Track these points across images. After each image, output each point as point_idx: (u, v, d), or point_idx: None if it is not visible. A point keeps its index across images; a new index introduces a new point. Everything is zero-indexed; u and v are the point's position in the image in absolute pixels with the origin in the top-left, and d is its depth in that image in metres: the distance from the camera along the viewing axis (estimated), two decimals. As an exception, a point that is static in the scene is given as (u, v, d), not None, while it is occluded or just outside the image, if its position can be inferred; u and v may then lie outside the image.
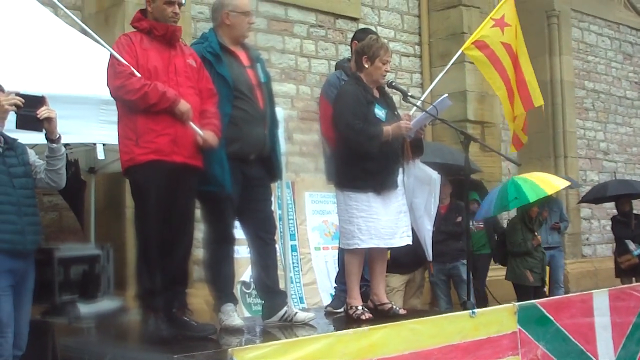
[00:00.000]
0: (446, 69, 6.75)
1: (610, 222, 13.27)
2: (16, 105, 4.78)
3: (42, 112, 4.84)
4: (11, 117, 4.89)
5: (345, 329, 4.72)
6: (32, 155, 5.16)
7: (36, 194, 5.22)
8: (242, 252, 6.03)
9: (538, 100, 7.56)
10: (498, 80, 7.01)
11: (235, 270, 5.82)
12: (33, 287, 5.12)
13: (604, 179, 15.20)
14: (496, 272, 10.93)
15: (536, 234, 10.11)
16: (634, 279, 11.35)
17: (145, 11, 5.25)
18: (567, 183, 10.73)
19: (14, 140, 5.06)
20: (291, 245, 9.48)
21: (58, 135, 5.02)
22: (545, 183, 9.69)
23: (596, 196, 13.22)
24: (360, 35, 6.48)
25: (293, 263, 9.54)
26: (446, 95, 6.38)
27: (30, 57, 5.98)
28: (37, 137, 5.12)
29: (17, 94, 4.82)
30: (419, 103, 6.24)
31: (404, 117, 5.91)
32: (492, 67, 6.96)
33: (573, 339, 5.46)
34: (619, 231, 12.01)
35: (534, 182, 9.54)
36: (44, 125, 4.90)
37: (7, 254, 4.82)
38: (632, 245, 11.56)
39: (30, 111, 4.83)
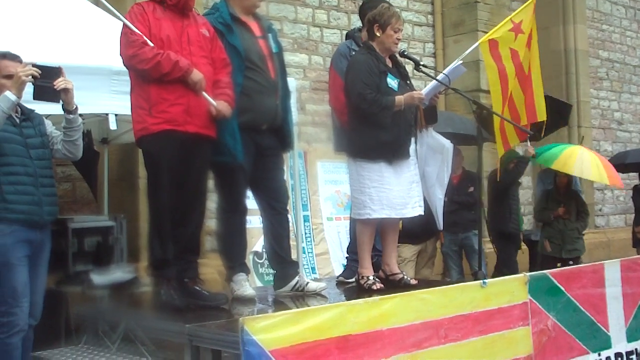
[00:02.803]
0: (463, 55, 6.69)
1: (623, 193, 13.19)
2: (33, 76, 4.78)
3: (59, 83, 4.85)
4: (28, 89, 4.90)
5: (356, 299, 4.75)
6: (49, 126, 5.19)
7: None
8: (255, 222, 6.07)
9: (542, 114, 7.51)
10: (496, 82, 6.97)
11: (248, 240, 5.85)
12: (49, 257, 5.16)
13: (618, 150, 15.12)
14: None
15: (562, 206, 10.08)
16: (650, 249, 11.36)
17: (158, -19, 5.23)
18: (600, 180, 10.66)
19: (31, 111, 5.09)
20: (303, 216, 9.50)
21: (75, 106, 5.04)
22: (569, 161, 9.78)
23: (617, 163, 13.15)
24: (370, 4, 6.42)
25: (305, 233, 9.57)
26: (460, 62, 6.34)
27: (42, 27, 5.98)
28: (53, 108, 5.14)
29: (34, 65, 4.83)
30: (440, 76, 6.20)
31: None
32: (496, 69, 6.93)
33: (584, 310, 5.45)
34: (639, 201, 11.95)
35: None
36: (61, 96, 4.92)
37: (23, 225, 4.86)
38: None
39: (47, 82, 4.84)
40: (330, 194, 10.14)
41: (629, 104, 16.26)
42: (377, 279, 5.77)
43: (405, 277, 5.96)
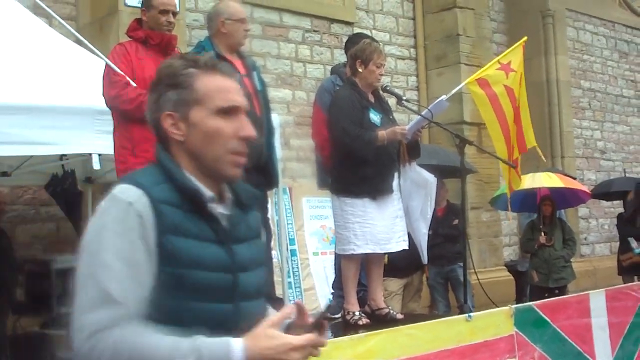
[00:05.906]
0: (449, 95, 6.72)
1: (607, 221, 13.22)
2: None
3: None
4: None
5: (342, 335, 4.74)
6: None
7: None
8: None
9: (531, 141, 7.55)
10: (494, 120, 7.01)
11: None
12: None
13: (602, 178, 15.23)
14: (495, 274, 10.94)
15: (542, 234, 10.13)
16: (635, 277, 11.33)
17: (140, 20, 5.26)
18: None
19: None
20: (291, 250, 9.49)
21: None
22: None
23: (601, 191, 13.23)
24: (354, 39, 6.47)
25: (293, 268, 9.55)
26: (444, 97, 6.38)
27: (26, 68, 5.99)
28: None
29: None
30: (423, 112, 6.23)
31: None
32: (490, 106, 6.96)
33: (570, 341, 5.46)
34: (624, 229, 11.99)
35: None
36: None
37: None
38: (634, 244, 11.51)
39: None
40: (315, 229, 10.14)
41: (611, 132, 16.40)
42: (363, 314, 5.75)
43: (392, 311, 5.94)
